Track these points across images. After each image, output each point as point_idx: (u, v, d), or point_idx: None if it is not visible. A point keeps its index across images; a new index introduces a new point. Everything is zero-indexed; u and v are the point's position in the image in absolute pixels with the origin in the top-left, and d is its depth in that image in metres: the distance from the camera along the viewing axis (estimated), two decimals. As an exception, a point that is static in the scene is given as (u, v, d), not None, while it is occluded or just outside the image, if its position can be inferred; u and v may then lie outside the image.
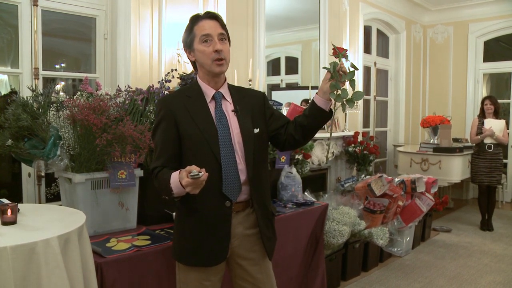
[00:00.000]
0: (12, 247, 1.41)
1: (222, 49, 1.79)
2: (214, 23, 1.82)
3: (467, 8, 7.40)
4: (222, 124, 1.81)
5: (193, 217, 1.82)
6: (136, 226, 2.46)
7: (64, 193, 2.41)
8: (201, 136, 1.77)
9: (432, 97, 7.93)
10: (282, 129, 1.91)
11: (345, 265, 3.85)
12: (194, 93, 1.85)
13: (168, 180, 1.66)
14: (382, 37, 7.22)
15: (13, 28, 3.11)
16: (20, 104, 2.32)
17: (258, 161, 1.85)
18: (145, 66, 3.63)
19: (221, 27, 1.83)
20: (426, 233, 5.12)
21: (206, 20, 1.82)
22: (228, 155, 1.78)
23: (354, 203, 3.88)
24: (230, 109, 1.86)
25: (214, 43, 1.79)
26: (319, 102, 1.79)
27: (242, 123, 1.84)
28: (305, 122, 1.84)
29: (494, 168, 5.50)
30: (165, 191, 1.70)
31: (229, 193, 1.79)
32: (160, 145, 1.82)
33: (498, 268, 4.23)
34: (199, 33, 1.80)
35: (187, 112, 1.80)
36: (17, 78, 3.14)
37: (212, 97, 1.85)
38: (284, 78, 5.79)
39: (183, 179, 1.57)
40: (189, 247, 1.83)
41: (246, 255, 1.88)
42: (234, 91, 1.93)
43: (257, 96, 1.98)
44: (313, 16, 5.25)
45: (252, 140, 1.83)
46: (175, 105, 1.82)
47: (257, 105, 1.92)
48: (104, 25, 3.52)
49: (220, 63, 1.80)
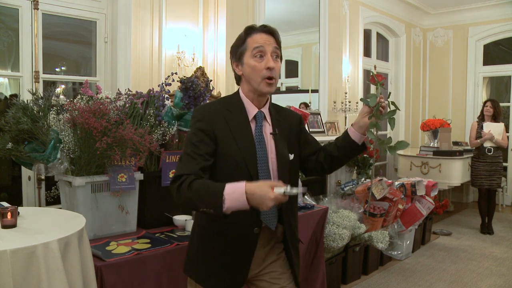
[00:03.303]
0: (12, 250, 1.40)
1: (275, 67, 1.66)
2: (270, 38, 1.69)
3: (467, 12, 7.41)
4: (261, 146, 1.69)
5: (219, 241, 1.71)
6: (136, 230, 2.46)
7: (64, 197, 2.41)
8: (240, 156, 1.65)
9: (432, 101, 7.94)
10: (313, 156, 1.84)
11: (345, 268, 3.84)
12: (236, 109, 1.72)
13: (221, 191, 1.46)
14: (382, 41, 7.23)
15: (14, 31, 3.12)
16: (21, 107, 2.32)
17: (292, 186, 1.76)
18: (145, 69, 3.64)
19: (276, 43, 1.70)
20: (426, 237, 5.12)
21: (261, 34, 1.69)
22: (266, 179, 1.66)
23: (354, 207, 3.88)
24: (269, 131, 1.74)
25: (267, 59, 1.65)
26: (353, 136, 1.72)
27: (279, 148, 1.73)
28: (336, 153, 1.77)
29: (494, 171, 5.49)
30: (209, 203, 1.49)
31: (266, 220, 1.69)
32: (193, 154, 1.62)
33: (499, 271, 4.22)
34: (252, 46, 1.66)
35: (227, 128, 1.67)
36: (17, 81, 3.15)
37: (254, 116, 1.72)
38: (284, 82, 5.80)
39: (270, 194, 1.41)
40: (210, 271, 1.73)
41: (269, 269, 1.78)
42: (274, 111, 1.80)
43: (295, 119, 1.87)
44: (313, 19, 5.26)
45: (287, 166, 1.74)
46: (217, 119, 1.68)
47: (293, 128, 1.83)
48: (104, 29, 3.53)
49: (270, 82, 1.66)
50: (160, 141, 2.49)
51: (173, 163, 2.55)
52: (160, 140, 2.49)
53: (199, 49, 4.11)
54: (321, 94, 5.33)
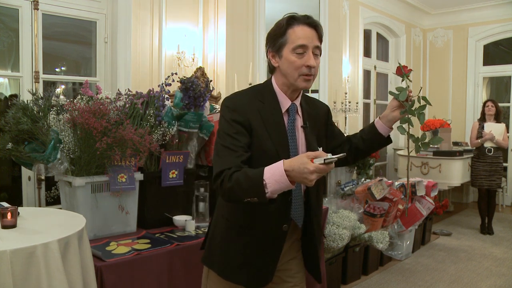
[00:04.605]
0: (12, 250, 1.41)
1: (315, 65, 1.60)
2: (313, 33, 1.60)
3: (466, 12, 7.41)
4: (293, 139, 1.65)
5: (245, 235, 1.66)
6: (136, 230, 2.46)
7: (64, 197, 2.41)
8: (273, 149, 1.60)
9: (432, 101, 7.83)
10: (339, 148, 1.80)
11: (345, 269, 3.84)
12: (268, 100, 1.66)
13: (260, 176, 1.41)
14: (382, 41, 7.23)
15: (14, 31, 3.12)
16: (21, 107, 2.32)
17: (319, 183, 1.68)
18: (145, 69, 3.64)
19: (318, 39, 1.62)
20: (426, 237, 5.12)
21: (304, 27, 1.60)
22: None
23: (354, 207, 3.88)
24: (300, 124, 1.70)
25: (307, 57, 1.58)
26: (381, 129, 1.70)
27: (310, 141, 1.69)
28: (361, 145, 1.76)
29: (494, 171, 5.49)
30: (252, 191, 1.43)
31: (295, 217, 1.65)
32: (232, 147, 1.56)
33: (499, 271, 4.22)
34: (294, 41, 1.59)
35: (261, 120, 1.62)
36: (17, 82, 3.15)
37: (287, 109, 1.67)
38: (284, 82, 5.79)
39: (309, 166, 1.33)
40: (233, 263, 1.68)
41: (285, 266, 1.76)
42: (304, 103, 1.75)
43: (323, 110, 1.83)
44: (313, 20, 5.25)
45: None
46: (250, 110, 1.62)
47: (322, 119, 1.79)
48: (104, 29, 3.53)
49: (308, 79, 1.61)
50: (160, 141, 2.49)
51: (173, 163, 2.55)
52: (160, 140, 2.49)
53: (199, 49, 4.11)
54: (321, 94, 5.33)
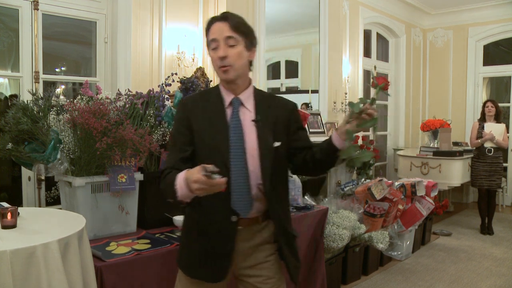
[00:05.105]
0: (12, 250, 1.41)
1: (227, 55, 1.64)
2: (223, 25, 1.65)
3: (466, 12, 7.41)
4: (236, 133, 1.68)
5: (197, 229, 1.73)
6: (136, 230, 2.46)
7: (64, 197, 2.41)
8: (212, 143, 1.67)
9: (432, 101, 7.94)
10: (301, 153, 1.75)
11: (345, 269, 3.84)
12: (213, 97, 1.75)
13: (174, 180, 1.53)
14: (382, 41, 7.23)
15: (14, 31, 3.12)
16: (21, 107, 2.32)
17: (277, 177, 1.72)
18: (145, 69, 3.64)
19: (230, 29, 1.65)
20: (426, 237, 5.12)
21: (216, 23, 1.67)
22: (239, 167, 1.66)
23: (354, 207, 3.87)
24: (250, 118, 1.72)
25: (219, 49, 1.65)
26: (335, 140, 1.63)
27: (261, 135, 1.70)
28: (318, 155, 1.69)
29: (494, 171, 5.49)
30: (170, 193, 1.57)
31: (238, 208, 1.67)
32: (173, 147, 1.75)
33: (499, 272, 4.22)
34: (209, 39, 1.68)
35: (203, 117, 1.70)
36: (17, 82, 3.15)
37: (230, 103, 1.72)
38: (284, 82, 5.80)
39: (193, 176, 1.42)
40: (193, 259, 1.75)
41: (255, 272, 1.75)
42: (260, 98, 1.78)
43: (286, 107, 1.82)
44: (313, 20, 5.26)
45: (271, 154, 1.69)
46: (193, 108, 1.73)
47: (282, 116, 1.77)
48: (104, 29, 3.53)
49: (225, 70, 1.66)
50: (160, 141, 2.49)
51: (173, 163, 2.55)
52: (160, 141, 2.49)
53: (199, 49, 4.11)
54: (321, 94, 5.33)
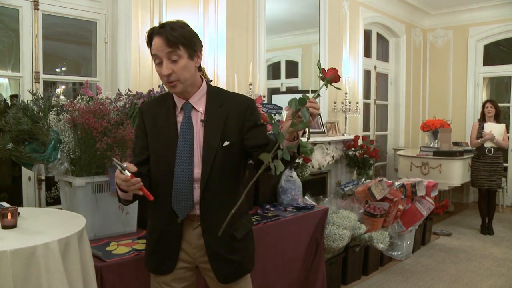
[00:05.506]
0: (12, 251, 1.41)
1: (172, 72, 1.62)
2: (161, 41, 1.61)
3: (466, 12, 7.41)
4: (185, 137, 1.71)
5: (153, 225, 1.84)
6: (136, 230, 2.46)
7: (64, 197, 2.41)
8: (160, 148, 1.75)
9: (432, 101, 7.94)
10: (258, 150, 1.66)
11: (345, 269, 3.84)
12: (167, 103, 1.79)
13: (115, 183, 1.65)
14: (382, 41, 7.23)
15: (14, 32, 3.12)
16: (21, 107, 2.32)
17: (219, 177, 1.71)
18: (146, 70, 3.64)
19: (168, 45, 1.60)
20: (426, 237, 5.12)
21: (156, 38, 1.63)
22: (183, 169, 1.70)
23: (355, 207, 3.88)
24: (200, 119, 1.74)
25: (163, 67, 1.63)
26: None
27: (207, 135, 1.72)
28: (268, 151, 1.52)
29: (494, 172, 5.49)
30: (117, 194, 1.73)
31: (177, 208, 1.73)
32: (133, 150, 1.88)
33: (499, 272, 4.22)
34: (151, 52, 1.67)
35: (155, 122, 1.77)
36: (17, 82, 3.15)
37: (181, 108, 1.75)
38: (285, 82, 5.80)
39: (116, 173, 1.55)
40: (147, 252, 1.87)
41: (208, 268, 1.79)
42: (212, 97, 1.76)
43: (239, 104, 1.76)
44: (313, 20, 5.26)
45: (213, 153, 1.70)
46: (148, 114, 1.80)
47: (234, 114, 1.73)
48: (104, 29, 3.53)
49: (172, 85, 1.67)
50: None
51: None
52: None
53: (199, 50, 4.10)
54: (321, 94, 5.32)
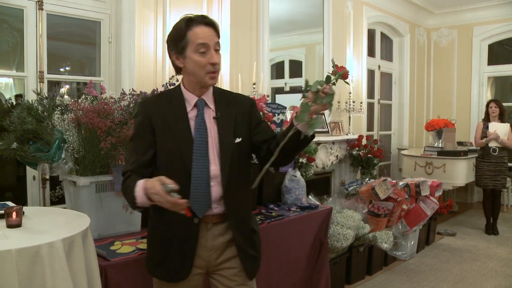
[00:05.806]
0: (17, 250, 1.41)
1: (218, 62, 1.68)
2: (211, 31, 1.68)
3: (471, 12, 7.38)
4: (201, 134, 1.69)
5: (161, 230, 1.75)
6: (141, 229, 2.46)
7: (68, 196, 2.42)
8: (174, 147, 1.68)
9: (437, 100, 7.91)
10: (265, 144, 1.74)
11: (349, 268, 3.84)
12: (176, 100, 1.74)
13: (133, 187, 1.56)
14: (386, 40, 7.21)
15: (19, 32, 3.13)
16: (25, 107, 2.33)
17: (236, 173, 1.72)
18: (150, 69, 3.64)
19: (217, 36, 1.69)
20: (430, 237, 5.10)
21: (202, 27, 1.66)
22: (201, 166, 1.67)
23: (358, 207, 3.87)
24: (212, 116, 1.74)
25: (210, 55, 1.66)
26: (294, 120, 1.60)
27: (222, 132, 1.72)
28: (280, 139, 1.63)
29: (499, 171, 5.47)
30: (130, 198, 1.60)
31: (196, 208, 1.67)
32: (134, 149, 1.73)
33: (504, 272, 4.20)
34: (195, 41, 1.65)
35: (165, 119, 1.70)
36: (22, 82, 3.16)
37: (194, 105, 1.73)
38: (288, 82, 5.79)
39: (154, 188, 1.47)
40: (157, 260, 1.77)
41: (230, 265, 1.77)
42: (219, 96, 1.79)
43: (244, 103, 1.82)
44: (317, 19, 5.25)
45: (231, 150, 1.71)
46: (154, 111, 1.72)
47: (242, 112, 1.78)
48: (108, 29, 3.54)
49: (213, 76, 1.69)
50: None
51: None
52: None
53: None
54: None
